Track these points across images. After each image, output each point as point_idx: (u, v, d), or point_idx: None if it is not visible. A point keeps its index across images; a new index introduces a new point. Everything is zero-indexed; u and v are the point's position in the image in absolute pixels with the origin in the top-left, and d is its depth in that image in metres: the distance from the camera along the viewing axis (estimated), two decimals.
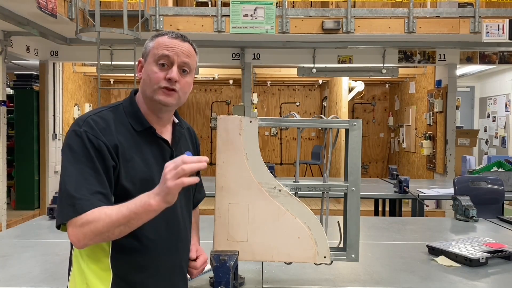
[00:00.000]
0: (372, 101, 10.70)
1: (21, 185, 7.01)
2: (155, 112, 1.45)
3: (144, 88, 1.43)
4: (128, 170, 1.35)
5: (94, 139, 1.31)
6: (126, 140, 1.37)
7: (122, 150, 1.35)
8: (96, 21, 4.96)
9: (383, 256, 2.23)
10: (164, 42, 1.42)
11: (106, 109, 1.43)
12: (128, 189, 1.34)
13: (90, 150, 1.30)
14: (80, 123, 1.34)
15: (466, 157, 7.07)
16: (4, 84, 5.75)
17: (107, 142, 1.33)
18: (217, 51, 6.77)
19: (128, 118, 1.42)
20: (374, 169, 10.67)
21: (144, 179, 1.37)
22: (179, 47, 1.42)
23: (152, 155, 1.42)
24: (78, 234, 1.25)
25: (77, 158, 1.30)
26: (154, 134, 1.43)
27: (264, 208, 1.63)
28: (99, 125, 1.34)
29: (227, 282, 1.53)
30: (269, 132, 10.38)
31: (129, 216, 1.25)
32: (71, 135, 1.34)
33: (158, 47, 1.41)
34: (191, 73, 1.46)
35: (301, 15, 5.60)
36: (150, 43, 1.44)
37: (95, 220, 1.24)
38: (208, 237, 1.63)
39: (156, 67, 1.40)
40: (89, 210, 1.25)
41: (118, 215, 1.25)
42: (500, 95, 9.00)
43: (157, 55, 1.40)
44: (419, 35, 5.62)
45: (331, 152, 1.74)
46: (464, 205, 3.03)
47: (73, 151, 1.31)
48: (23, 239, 2.44)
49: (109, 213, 1.25)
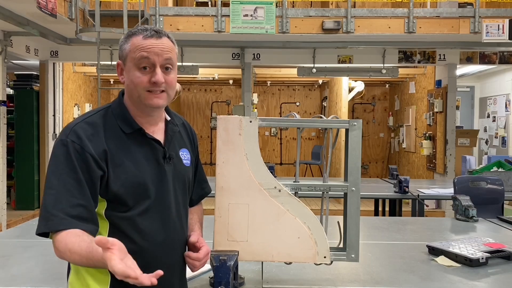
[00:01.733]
0: (372, 101, 10.70)
1: (21, 185, 7.00)
2: (144, 112, 1.42)
3: (130, 92, 1.39)
4: (119, 175, 1.33)
5: (80, 149, 1.29)
6: (116, 144, 1.35)
7: (111, 155, 1.33)
8: (96, 21, 4.96)
9: (383, 256, 2.23)
10: (140, 43, 1.35)
11: (95, 113, 1.40)
12: (120, 194, 1.33)
13: (75, 161, 1.29)
14: (66, 132, 1.33)
15: (466, 157, 7.07)
16: (4, 84, 5.76)
17: (94, 150, 1.30)
18: (217, 51, 6.77)
19: (117, 121, 1.39)
20: (374, 169, 10.67)
21: (136, 183, 1.35)
22: (156, 46, 1.35)
23: (144, 157, 1.39)
24: (56, 251, 1.27)
25: (61, 168, 1.29)
26: (144, 135, 1.40)
27: (264, 208, 1.63)
28: (87, 132, 1.32)
29: (227, 282, 1.53)
30: (269, 132, 10.38)
31: (87, 264, 1.24)
32: (57, 145, 1.32)
33: (135, 50, 1.35)
34: (174, 68, 1.41)
35: (301, 15, 5.60)
36: (125, 45, 1.37)
37: (62, 251, 1.24)
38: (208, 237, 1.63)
39: (138, 72, 1.35)
40: (62, 229, 1.24)
41: (80, 261, 1.24)
42: (500, 95, 9.00)
43: (136, 58, 1.34)
44: (419, 35, 5.62)
45: (331, 152, 1.74)
46: (464, 205, 3.03)
47: (57, 161, 1.30)
48: (23, 239, 2.44)
49: (73, 252, 1.22)
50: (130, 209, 1.35)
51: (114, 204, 1.34)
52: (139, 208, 1.36)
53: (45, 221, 1.26)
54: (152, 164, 1.40)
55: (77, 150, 1.29)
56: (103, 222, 1.35)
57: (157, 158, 1.42)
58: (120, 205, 1.34)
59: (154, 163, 1.41)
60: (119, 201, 1.33)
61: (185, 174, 1.50)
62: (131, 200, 1.35)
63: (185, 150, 1.54)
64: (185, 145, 1.55)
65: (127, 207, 1.35)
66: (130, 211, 1.35)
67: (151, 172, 1.40)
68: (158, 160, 1.42)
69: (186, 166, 1.52)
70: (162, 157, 1.43)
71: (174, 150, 1.48)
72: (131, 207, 1.35)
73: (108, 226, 1.35)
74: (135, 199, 1.36)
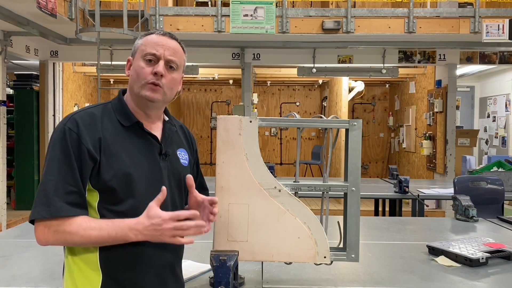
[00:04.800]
0: (372, 101, 10.69)
1: (21, 185, 7.00)
2: (143, 108, 1.45)
3: (132, 84, 1.45)
4: (112, 165, 1.35)
5: (76, 137, 1.33)
6: (111, 135, 1.38)
7: (105, 144, 1.35)
8: (96, 21, 4.96)
9: (383, 256, 2.22)
10: (152, 39, 1.45)
11: (94, 106, 1.45)
12: (112, 184, 1.34)
13: (70, 147, 1.32)
14: (65, 120, 1.38)
15: (466, 157, 7.07)
16: (4, 84, 5.75)
17: (89, 139, 1.34)
18: (217, 51, 6.77)
19: (116, 115, 1.43)
20: (374, 169, 10.67)
21: (128, 174, 1.36)
22: (166, 44, 1.44)
23: (139, 150, 1.41)
24: (48, 237, 1.30)
25: (57, 153, 1.33)
26: (142, 129, 1.43)
27: (264, 208, 1.63)
28: (85, 121, 1.36)
29: (227, 282, 1.53)
30: (269, 132, 10.37)
31: (107, 241, 1.31)
32: (56, 131, 1.37)
33: (146, 44, 1.44)
34: (178, 70, 1.47)
35: (301, 15, 5.60)
36: (139, 41, 1.47)
37: (72, 233, 1.29)
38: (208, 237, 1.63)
39: (143, 63, 1.42)
40: (65, 215, 1.29)
41: (97, 238, 1.30)
42: (500, 95, 9.00)
43: (144, 51, 1.43)
44: (419, 35, 5.62)
45: (331, 152, 1.74)
46: (464, 205, 3.03)
47: (54, 147, 1.34)
48: (23, 239, 2.43)
49: (88, 233, 1.30)
50: (121, 202, 1.35)
51: (106, 195, 1.35)
52: (130, 203, 1.36)
53: (45, 206, 1.29)
54: (147, 159, 1.41)
55: (73, 137, 1.33)
56: (94, 215, 1.36)
57: (153, 154, 1.43)
58: (112, 196, 1.35)
59: (149, 158, 1.42)
60: (111, 191, 1.34)
61: (181, 173, 1.49)
62: (123, 192, 1.35)
63: (183, 150, 1.55)
64: (183, 146, 1.56)
65: (118, 199, 1.35)
66: (121, 204, 1.35)
67: (145, 167, 1.40)
68: (154, 155, 1.43)
69: (183, 166, 1.52)
70: (158, 153, 1.44)
71: (171, 148, 1.49)
72: (123, 199, 1.35)
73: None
74: (127, 191, 1.36)
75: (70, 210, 1.30)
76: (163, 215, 1.30)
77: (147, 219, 1.31)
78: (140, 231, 1.30)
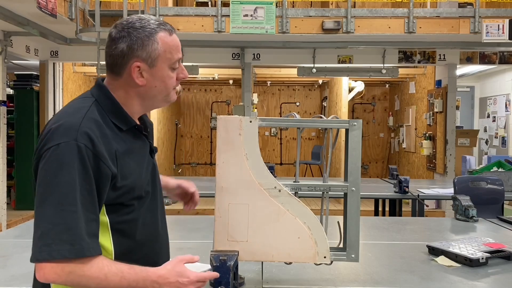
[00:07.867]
0: (372, 101, 10.69)
1: (21, 185, 6.99)
2: (147, 110, 1.39)
3: (156, 94, 1.33)
4: (125, 176, 1.27)
5: (92, 155, 1.17)
6: (118, 142, 1.27)
7: (118, 155, 1.25)
8: (96, 21, 4.96)
9: (383, 256, 2.23)
10: (173, 43, 1.32)
11: (85, 108, 1.25)
12: (124, 196, 1.27)
13: (89, 169, 1.17)
14: (73, 135, 1.17)
15: (466, 157, 7.07)
16: (4, 84, 5.75)
17: (107, 154, 1.21)
18: (217, 51, 6.76)
19: (109, 117, 1.28)
20: (374, 169, 10.67)
21: (140, 181, 1.32)
22: (179, 43, 1.35)
23: (139, 153, 1.36)
24: (59, 278, 1.14)
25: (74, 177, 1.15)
26: (138, 131, 1.36)
27: (264, 208, 1.63)
28: (95, 133, 1.20)
29: (227, 282, 1.53)
30: (269, 132, 10.38)
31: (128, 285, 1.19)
32: (62, 149, 1.16)
33: (171, 51, 1.31)
34: None
35: (301, 15, 5.60)
36: (154, 44, 1.28)
37: (92, 277, 1.15)
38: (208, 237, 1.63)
39: (172, 72, 1.33)
40: (89, 255, 1.15)
41: (116, 286, 1.18)
42: (500, 95, 9.00)
43: (172, 60, 1.31)
44: (419, 35, 5.62)
45: (331, 152, 1.74)
46: (464, 205, 3.03)
47: (69, 169, 1.15)
48: (23, 239, 2.43)
49: (109, 279, 1.16)
50: (131, 212, 1.31)
51: (113, 207, 1.27)
52: (138, 209, 1.33)
53: (69, 245, 1.12)
54: (146, 159, 1.39)
55: (89, 156, 1.17)
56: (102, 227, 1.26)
57: (146, 153, 1.40)
58: (121, 207, 1.28)
59: (147, 158, 1.40)
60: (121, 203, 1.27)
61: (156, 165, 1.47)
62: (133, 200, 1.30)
63: None
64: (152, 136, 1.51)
65: (128, 210, 1.30)
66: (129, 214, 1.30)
67: (149, 170, 1.38)
68: (146, 154, 1.39)
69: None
70: (149, 151, 1.41)
71: (152, 141, 1.45)
72: (133, 209, 1.31)
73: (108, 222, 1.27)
74: (138, 200, 1.32)
75: (95, 249, 1.16)
76: (191, 276, 1.26)
77: (174, 275, 1.24)
78: (162, 284, 1.22)
